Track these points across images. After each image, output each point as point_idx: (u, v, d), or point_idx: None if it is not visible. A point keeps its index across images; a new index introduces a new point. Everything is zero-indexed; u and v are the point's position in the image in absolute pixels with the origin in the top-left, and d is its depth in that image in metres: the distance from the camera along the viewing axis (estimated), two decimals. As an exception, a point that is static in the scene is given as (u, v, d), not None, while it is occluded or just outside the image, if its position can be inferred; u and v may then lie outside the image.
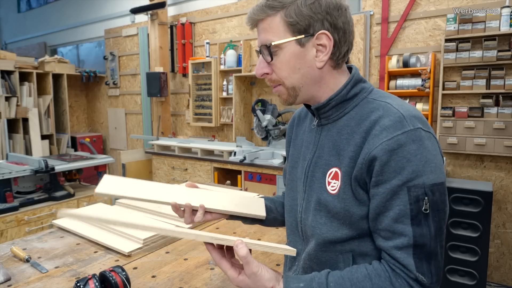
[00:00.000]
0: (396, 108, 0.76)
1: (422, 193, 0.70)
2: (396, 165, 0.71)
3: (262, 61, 0.85)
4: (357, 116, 0.81)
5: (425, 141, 0.72)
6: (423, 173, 0.70)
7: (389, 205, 0.72)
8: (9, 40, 8.17)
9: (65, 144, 5.39)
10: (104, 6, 5.78)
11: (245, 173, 3.52)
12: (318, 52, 0.81)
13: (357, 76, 0.85)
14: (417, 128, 0.72)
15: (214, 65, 4.17)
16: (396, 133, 0.72)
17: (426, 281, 0.71)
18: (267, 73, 0.85)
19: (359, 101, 0.83)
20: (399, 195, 0.71)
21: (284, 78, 0.83)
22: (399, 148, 0.71)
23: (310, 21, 0.78)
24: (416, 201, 0.70)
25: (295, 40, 0.79)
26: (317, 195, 0.84)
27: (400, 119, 0.73)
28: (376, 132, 0.74)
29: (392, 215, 0.72)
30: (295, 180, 0.95)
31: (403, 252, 0.71)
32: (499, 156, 2.84)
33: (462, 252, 2.66)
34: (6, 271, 1.15)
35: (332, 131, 0.84)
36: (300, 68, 0.81)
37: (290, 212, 0.96)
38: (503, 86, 2.70)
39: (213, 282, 1.08)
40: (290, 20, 0.78)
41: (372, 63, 3.38)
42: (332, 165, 0.82)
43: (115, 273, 0.96)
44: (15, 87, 4.75)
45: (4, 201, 2.53)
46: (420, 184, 0.70)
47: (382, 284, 0.71)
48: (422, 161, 0.71)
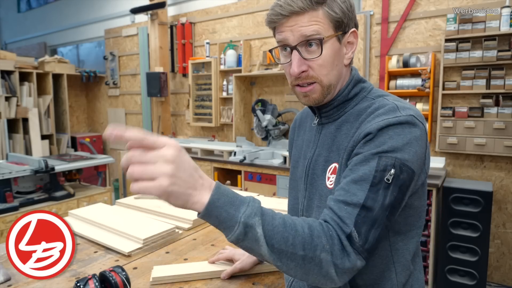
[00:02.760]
0: (392, 101, 0.78)
1: (391, 164, 0.69)
2: (378, 141, 0.71)
3: (300, 58, 0.78)
4: (355, 112, 0.82)
5: (414, 127, 0.72)
6: (399, 151, 0.70)
7: (355, 169, 0.72)
8: (9, 40, 8.17)
9: (65, 144, 5.39)
10: (104, 6, 5.78)
11: (245, 173, 3.52)
12: (347, 49, 0.82)
13: (357, 77, 0.86)
14: (409, 115, 0.73)
15: (214, 65, 4.17)
16: (388, 116, 0.73)
17: (358, 241, 0.66)
18: (304, 71, 0.79)
19: (359, 100, 0.84)
20: (369, 161, 0.70)
21: (323, 76, 0.80)
22: (387, 127, 0.72)
23: (347, 18, 0.79)
24: (383, 170, 0.69)
25: (336, 36, 0.79)
26: (319, 192, 0.84)
27: (394, 108, 0.75)
28: (370, 119, 0.76)
29: (354, 176, 0.71)
30: (296, 179, 0.96)
31: (349, 208, 0.68)
32: (499, 156, 2.84)
33: (462, 252, 2.65)
34: (6, 271, 1.15)
35: (332, 129, 0.85)
36: (337, 65, 0.81)
37: (292, 211, 0.97)
38: (503, 86, 2.70)
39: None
40: (335, 15, 0.77)
41: (372, 63, 3.38)
42: (332, 161, 0.83)
43: (115, 273, 0.96)
44: (15, 87, 4.75)
45: (4, 201, 2.53)
46: (392, 156, 0.70)
47: (317, 233, 0.66)
48: (403, 141, 0.71)
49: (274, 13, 0.77)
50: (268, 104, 3.70)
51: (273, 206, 1.49)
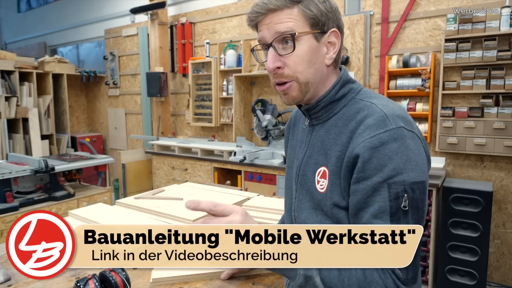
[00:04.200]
0: (380, 108, 0.77)
1: (402, 190, 0.71)
2: (377, 163, 0.72)
3: (274, 55, 0.81)
4: (344, 116, 0.82)
5: (407, 140, 0.73)
6: (404, 171, 0.71)
7: (369, 201, 0.73)
8: (9, 40, 8.17)
9: (65, 144, 5.39)
10: (104, 6, 5.78)
11: (245, 173, 3.52)
12: (328, 49, 0.83)
13: (345, 77, 0.86)
14: (400, 127, 0.73)
15: (214, 65, 4.17)
16: (378, 131, 0.73)
17: (402, 276, 0.71)
18: (279, 67, 0.82)
19: (347, 101, 0.84)
20: (380, 191, 0.72)
21: (299, 73, 0.81)
22: (381, 146, 0.72)
23: (325, 18, 0.80)
24: (396, 198, 0.71)
25: (312, 34, 0.80)
26: (310, 194, 0.86)
27: (383, 119, 0.74)
28: (360, 131, 0.76)
29: (372, 211, 0.73)
30: (290, 179, 0.96)
31: None
32: (499, 156, 2.84)
33: (462, 252, 2.65)
34: (6, 271, 1.15)
35: (321, 131, 0.86)
36: (314, 63, 0.82)
37: (288, 211, 0.98)
38: (503, 86, 2.70)
39: (213, 282, 1.08)
40: (310, 13, 0.79)
41: (372, 63, 3.38)
42: (321, 164, 0.84)
43: (115, 273, 0.96)
44: (15, 87, 4.75)
45: (4, 201, 2.53)
46: (400, 181, 0.71)
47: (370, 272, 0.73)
48: (403, 159, 0.71)
49: (252, 12, 0.82)
50: (268, 104, 3.70)
51: (273, 206, 1.49)
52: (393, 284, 0.72)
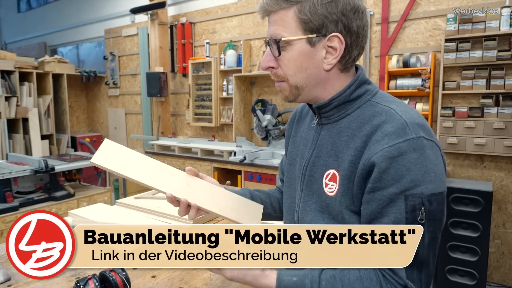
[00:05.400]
0: (400, 114, 0.74)
1: (419, 202, 0.70)
2: (395, 173, 0.70)
3: (269, 54, 0.81)
4: (358, 119, 0.79)
5: (427, 150, 0.71)
6: (422, 183, 0.69)
7: (385, 212, 0.72)
8: (9, 40, 8.17)
9: (65, 144, 5.39)
10: (104, 6, 5.78)
11: (245, 173, 3.52)
12: (327, 54, 0.78)
13: (363, 77, 0.82)
14: (420, 137, 0.71)
15: (214, 65, 4.17)
16: (397, 140, 0.71)
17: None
18: (272, 67, 0.81)
19: (362, 103, 0.81)
20: (396, 202, 0.71)
21: (289, 76, 0.80)
22: (400, 156, 0.70)
23: (324, 21, 0.75)
24: (413, 210, 0.70)
25: (306, 39, 0.77)
26: (317, 196, 0.83)
27: (403, 126, 0.72)
28: (378, 138, 0.73)
29: (387, 222, 0.72)
30: (293, 178, 0.94)
31: None
32: (499, 156, 2.84)
33: (462, 252, 2.65)
34: (6, 271, 1.15)
35: (332, 132, 0.83)
36: (307, 68, 0.79)
37: (289, 210, 0.95)
38: (503, 86, 2.70)
39: (213, 282, 1.08)
40: (303, 17, 0.75)
41: (372, 63, 3.38)
42: (330, 166, 0.81)
43: (115, 273, 0.96)
44: (15, 87, 4.75)
45: (4, 201, 2.53)
46: (418, 193, 0.69)
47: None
48: (422, 170, 0.70)
49: (258, 8, 0.82)
50: (268, 104, 3.70)
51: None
52: None
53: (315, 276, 0.74)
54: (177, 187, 0.89)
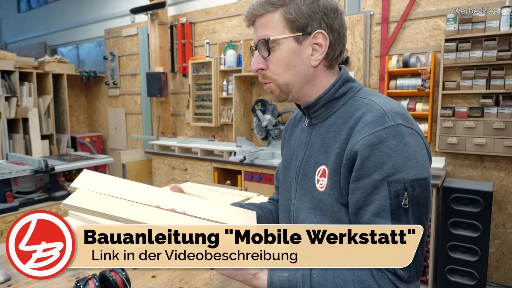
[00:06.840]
0: (379, 105, 0.77)
1: (401, 188, 0.71)
2: (376, 160, 0.72)
3: (258, 57, 0.85)
4: (344, 114, 0.82)
5: (406, 137, 0.73)
6: (403, 168, 0.71)
7: (369, 200, 0.73)
8: (9, 40, 8.17)
9: (65, 144, 5.39)
10: (104, 6, 5.78)
11: (245, 173, 3.52)
12: (313, 51, 0.83)
13: (345, 76, 0.87)
14: (398, 124, 0.74)
15: (214, 65, 4.17)
16: (377, 128, 0.73)
17: (405, 275, 0.72)
18: (262, 69, 0.85)
19: (347, 100, 0.85)
20: (380, 189, 0.72)
21: (277, 75, 0.84)
22: (380, 143, 0.72)
23: (308, 20, 0.80)
24: (396, 196, 0.71)
25: (293, 37, 0.81)
26: (310, 193, 0.85)
27: (382, 115, 0.75)
28: (359, 128, 0.76)
29: (372, 210, 0.73)
30: (288, 180, 0.96)
31: None
32: (499, 156, 2.84)
33: (462, 252, 2.66)
34: (6, 271, 1.15)
35: (322, 130, 0.86)
36: (295, 65, 0.83)
37: (284, 212, 0.97)
38: (503, 86, 2.70)
39: (213, 282, 1.08)
40: (289, 17, 0.80)
41: (372, 63, 3.38)
42: (321, 162, 0.84)
43: (115, 273, 0.96)
44: (15, 87, 4.75)
45: (4, 201, 2.53)
46: (400, 179, 0.71)
47: (364, 277, 0.73)
48: (402, 156, 0.72)
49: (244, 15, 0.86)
50: (268, 104, 3.70)
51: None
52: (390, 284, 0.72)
53: (306, 269, 0.75)
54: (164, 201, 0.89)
